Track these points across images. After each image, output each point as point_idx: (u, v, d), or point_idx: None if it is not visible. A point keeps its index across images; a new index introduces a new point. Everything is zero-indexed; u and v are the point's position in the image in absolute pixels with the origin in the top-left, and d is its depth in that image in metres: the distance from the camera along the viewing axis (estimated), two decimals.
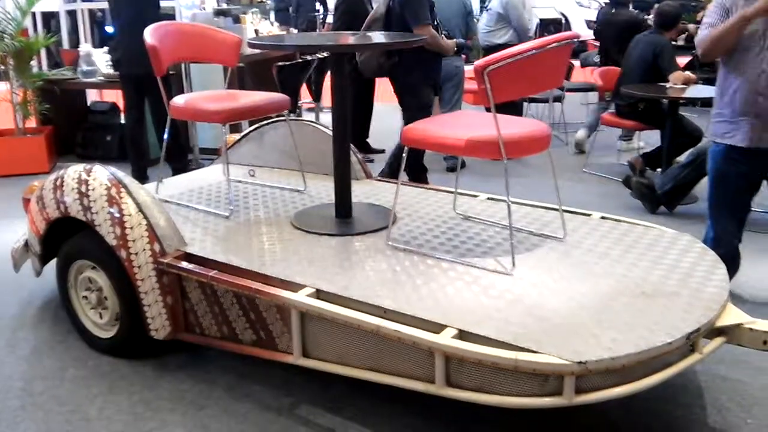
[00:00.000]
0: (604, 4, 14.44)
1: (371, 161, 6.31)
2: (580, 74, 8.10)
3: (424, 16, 4.54)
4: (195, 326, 2.82)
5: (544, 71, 2.65)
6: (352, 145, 3.51)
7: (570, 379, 2.03)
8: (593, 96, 6.77)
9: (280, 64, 5.51)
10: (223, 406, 2.63)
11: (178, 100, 3.36)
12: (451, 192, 3.49)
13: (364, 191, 3.63)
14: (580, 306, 2.34)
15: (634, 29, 5.99)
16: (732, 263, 3.37)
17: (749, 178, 3.31)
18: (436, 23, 4.70)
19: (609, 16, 6.99)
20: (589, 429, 2.50)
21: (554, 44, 2.59)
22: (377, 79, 6.57)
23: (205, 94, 3.58)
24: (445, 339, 2.16)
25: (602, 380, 2.07)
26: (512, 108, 5.62)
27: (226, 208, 3.36)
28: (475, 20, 6.37)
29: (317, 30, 10.05)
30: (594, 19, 14.00)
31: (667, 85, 5.24)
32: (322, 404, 2.63)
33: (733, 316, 2.37)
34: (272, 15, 10.58)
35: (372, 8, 6.37)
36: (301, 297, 2.43)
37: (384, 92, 6.50)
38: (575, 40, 2.67)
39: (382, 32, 4.64)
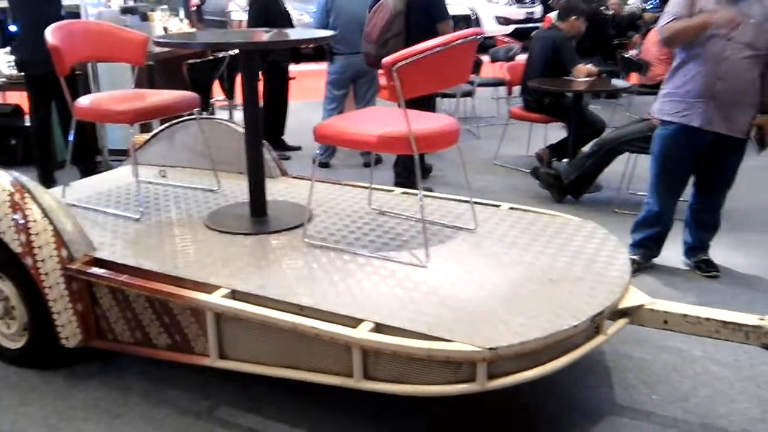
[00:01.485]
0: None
1: (288, 158, 6.29)
2: (490, 69, 8.29)
3: (447, 11, 4.93)
4: (107, 333, 2.76)
5: (451, 67, 2.71)
6: (266, 143, 3.49)
7: (482, 365, 2.10)
8: (503, 90, 6.94)
9: (190, 61, 5.41)
10: (139, 413, 2.58)
11: (83, 101, 3.26)
12: (366, 187, 3.53)
13: (279, 189, 3.62)
14: (491, 294, 2.42)
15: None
16: (664, 238, 3.83)
17: (693, 158, 3.59)
18: None
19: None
20: (501, 413, 2.60)
21: (460, 41, 2.66)
22: (291, 76, 6.57)
23: (111, 94, 3.49)
24: (362, 333, 2.19)
25: (513, 365, 2.15)
26: (425, 103, 5.71)
27: (136, 211, 3.28)
28: None
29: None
30: (503, 14, 14.37)
31: (571, 78, 5.43)
32: (241, 405, 2.62)
33: (635, 297, 2.51)
34: (182, 12, 10.35)
35: (284, 6, 6.35)
36: (216, 298, 2.42)
37: (300, 89, 6.50)
38: (480, 36, 2.75)
39: (292, 29, 4.65)
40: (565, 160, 5.44)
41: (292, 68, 6.63)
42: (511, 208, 3.33)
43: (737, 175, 3.70)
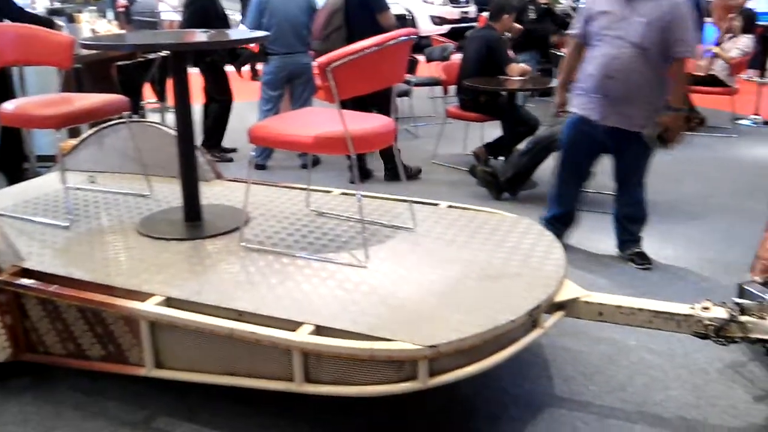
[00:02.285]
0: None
1: (230, 160, 6.19)
2: (426, 69, 8.35)
3: (386, 2, 5.16)
4: (38, 345, 2.65)
5: (386, 67, 2.71)
6: (199, 145, 3.43)
7: (423, 363, 2.10)
8: (439, 90, 7.00)
9: (120, 63, 5.27)
10: (73, 426, 2.50)
11: (8, 106, 3.15)
12: (304, 189, 3.50)
13: (215, 192, 3.55)
14: (430, 292, 2.43)
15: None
16: (569, 220, 4.04)
17: (592, 148, 3.83)
18: None
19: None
20: (442, 409, 2.61)
21: (394, 40, 2.66)
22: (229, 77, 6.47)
23: (37, 98, 3.36)
24: (302, 336, 2.17)
25: (453, 361, 2.16)
26: (361, 104, 5.70)
27: (65, 218, 3.17)
28: None
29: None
30: (438, 14, 14.46)
31: (505, 77, 5.51)
32: (179, 414, 2.56)
33: (570, 291, 2.56)
34: (110, 13, 10.09)
35: (221, 7, 6.26)
36: (150, 306, 2.35)
37: (236, 90, 6.40)
38: (415, 36, 2.75)
39: (229, 30, 4.59)
40: (501, 158, 5.52)
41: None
42: (450, 207, 3.35)
43: (663, 167, 3.84)
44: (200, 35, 3.31)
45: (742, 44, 7.17)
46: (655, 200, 5.00)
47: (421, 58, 8.28)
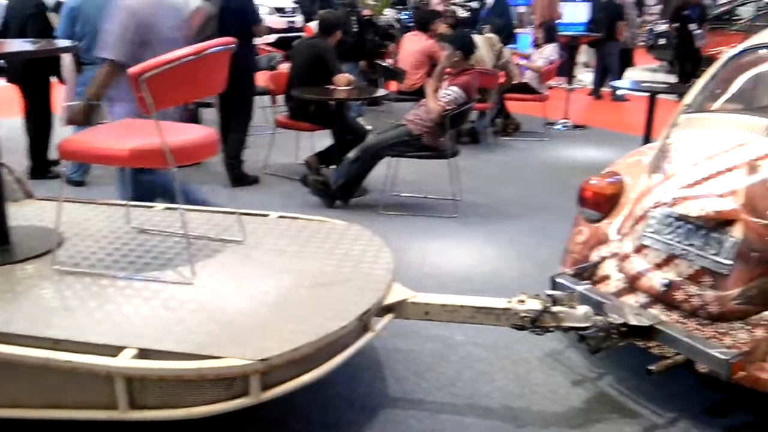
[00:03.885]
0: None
1: (58, 176, 5.74)
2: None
3: (259, 15, 5.63)
4: None
5: (204, 76, 2.65)
6: (5, 163, 3.16)
7: (255, 377, 2.07)
8: (268, 99, 6.93)
9: None
10: None
11: None
12: (124, 205, 3.33)
13: (25, 213, 3.28)
14: (262, 304, 2.40)
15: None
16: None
17: None
18: None
19: None
20: (280, 421, 2.58)
21: (212, 49, 2.60)
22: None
23: None
24: (123, 361, 2.06)
25: (287, 372, 2.15)
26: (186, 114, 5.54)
27: None
28: None
29: None
30: (265, 24, 14.30)
31: (332, 87, 5.58)
32: None
33: (398, 293, 2.63)
34: None
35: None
36: None
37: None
38: (233, 45, 2.71)
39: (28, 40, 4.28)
40: (332, 166, 5.57)
41: None
42: (280, 217, 3.33)
43: (484, 171, 4.02)
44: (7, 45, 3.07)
45: (547, 53, 7.75)
46: (478, 202, 5.29)
47: None
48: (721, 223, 2.55)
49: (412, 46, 7.46)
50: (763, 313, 2.49)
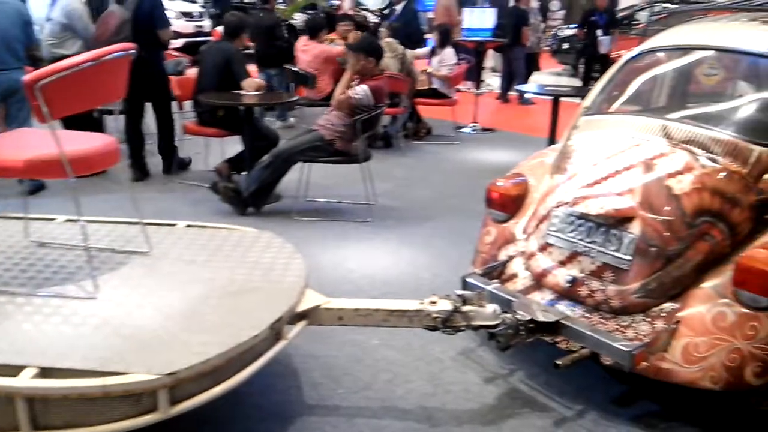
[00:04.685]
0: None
1: None
2: None
3: (168, 20, 5.79)
4: None
5: (103, 83, 2.56)
6: None
7: (163, 392, 2.02)
8: (175, 105, 6.77)
9: None
10: None
11: None
12: (22, 218, 3.18)
13: None
14: (169, 317, 2.34)
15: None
16: None
17: None
18: None
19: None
20: None
21: (111, 55, 2.52)
22: None
23: None
24: (24, 381, 1.97)
25: (197, 385, 2.11)
26: (89, 122, 5.34)
27: None
28: (35, 29, 5.86)
29: None
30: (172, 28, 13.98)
31: (242, 92, 5.50)
32: None
33: (311, 299, 2.61)
34: None
35: None
36: None
37: None
38: (133, 51, 2.64)
39: None
40: (244, 173, 5.49)
41: None
42: (188, 226, 3.25)
43: (398, 174, 4.04)
44: None
45: (447, 59, 7.88)
46: (392, 205, 5.33)
47: None
48: (620, 220, 2.66)
49: (306, 54, 7.46)
50: (663, 305, 2.61)
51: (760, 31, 3.05)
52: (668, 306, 2.59)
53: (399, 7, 9.39)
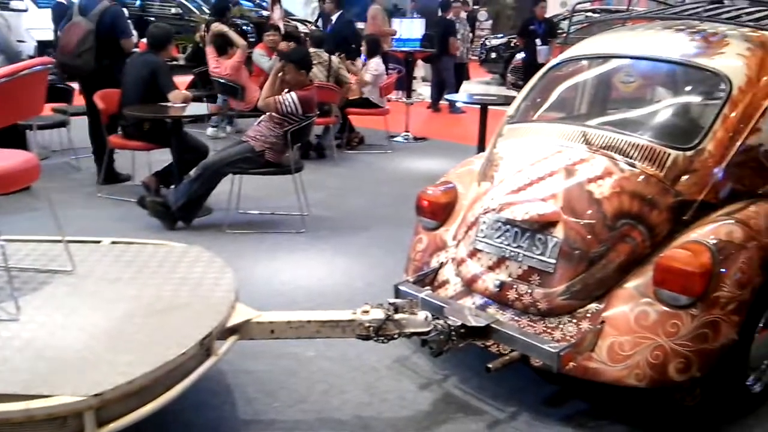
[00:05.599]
0: None
1: None
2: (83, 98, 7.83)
3: (129, 30, 6.05)
4: None
5: (19, 99, 2.48)
6: None
7: (89, 413, 1.96)
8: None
9: None
10: None
11: None
12: None
13: None
14: (94, 337, 2.27)
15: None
16: None
17: None
18: None
19: None
20: None
21: (27, 71, 2.45)
22: None
23: None
24: None
25: (124, 406, 2.06)
26: (14, 138, 5.17)
27: None
28: None
29: None
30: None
31: (168, 104, 5.40)
32: None
33: (242, 313, 2.58)
34: None
35: None
36: None
37: None
38: (49, 65, 2.56)
39: None
40: (172, 186, 5.38)
41: None
42: (114, 242, 3.18)
43: (330, 185, 4.03)
44: None
45: (372, 68, 7.95)
46: (326, 216, 5.33)
47: (76, 86, 7.74)
48: (544, 225, 2.73)
49: (223, 69, 7.40)
50: (588, 306, 2.69)
51: (673, 39, 3.19)
52: (593, 307, 2.67)
53: (334, 17, 9.40)
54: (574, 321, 2.68)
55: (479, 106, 6.45)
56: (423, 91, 12.15)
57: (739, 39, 3.04)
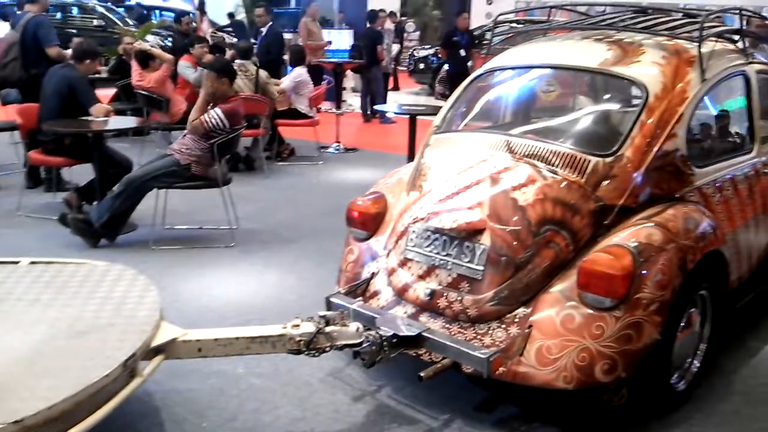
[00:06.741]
0: None
1: None
2: (2, 112, 7.53)
3: (54, 38, 6.05)
4: None
5: None
6: None
7: None
8: (17, 135, 6.36)
9: None
10: None
11: None
12: None
13: None
14: (12, 361, 2.18)
15: None
16: None
17: None
18: None
19: None
20: None
21: None
22: None
23: None
24: None
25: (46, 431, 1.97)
26: None
27: None
28: None
29: None
30: None
31: (90, 118, 5.24)
32: None
33: (167, 333, 2.51)
34: None
35: None
36: None
37: None
38: None
39: None
40: (95, 202, 5.22)
41: None
42: (32, 263, 3.05)
43: (259, 197, 3.98)
44: None
45: (293, 75, 7.93)
46: (256, 229, 5.26)
47: None
48: (471, 232, 2.76)
49: (147, 83, 7.27)
50: (516, 311, 2.73)
51: (591, 48, 3.29)
52: (521, 311, 2.72)
53: (264, 29, 9.31)
54: (503, 326, 2.72)
55: (408, 116, 6.50)
56: (353, 101, 12.18)
57: (654, 47, 3.16)
